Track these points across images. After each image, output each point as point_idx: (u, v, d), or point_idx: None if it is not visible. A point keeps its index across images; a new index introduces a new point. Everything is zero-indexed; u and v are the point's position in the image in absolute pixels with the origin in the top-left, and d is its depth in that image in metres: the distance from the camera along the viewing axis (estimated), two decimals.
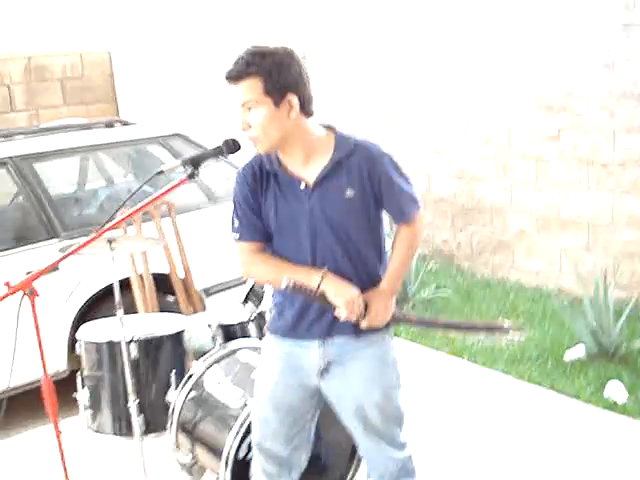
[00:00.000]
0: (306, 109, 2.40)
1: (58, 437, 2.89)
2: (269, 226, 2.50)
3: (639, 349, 4.73)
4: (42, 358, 2.80)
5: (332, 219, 2.43)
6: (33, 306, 2.73)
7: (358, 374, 2.53)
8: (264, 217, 2.50)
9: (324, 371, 2.53)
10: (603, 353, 4.67)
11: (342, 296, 2.39)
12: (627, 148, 5.34)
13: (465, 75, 6.42)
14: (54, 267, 2.79)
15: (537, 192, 6.01)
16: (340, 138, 2.46)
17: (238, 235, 2.54)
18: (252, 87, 2.32)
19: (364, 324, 2.47)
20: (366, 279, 2.50)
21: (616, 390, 4.30)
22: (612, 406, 4.20)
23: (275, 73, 2.31)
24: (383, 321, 2.52)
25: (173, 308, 4.45)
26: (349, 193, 2.43)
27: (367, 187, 2.44)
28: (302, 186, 2.44)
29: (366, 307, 2.45)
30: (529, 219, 6.13)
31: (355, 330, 2.49)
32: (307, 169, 2.44)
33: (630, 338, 4.81)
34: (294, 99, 2.35)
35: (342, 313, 2.40)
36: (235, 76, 2.34)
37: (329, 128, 2.50)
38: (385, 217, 2.58)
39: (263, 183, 2.48)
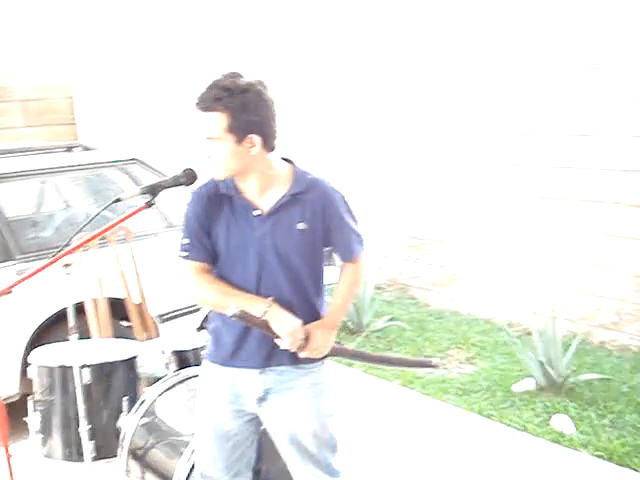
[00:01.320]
0: (268, 146, 2.47)
1: (8, 460, 2.88)
2: (218, 248, 2.54)
3: (586, 382, 4.83)
4: None
5: (281, 248, 2.50)
6: None
7: (294, 402, 2.58)
8: (214, 239, 2.54)
9: (262, 399, 2.59)
10: (551, 385, 4.77)
11: (286, 327, 2.45)
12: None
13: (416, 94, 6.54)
14: (8, 291, 2.80)
15: (491, 226, 6.13)
16: (298, 173, 2.54)
17: (186, 254, 2.57)
18: (216, 122, 2.38)
19: (303, 354, 2.52)
20: (307, 310, 2.57)
21: (562, 423, 4.39)
22: (559, 438, 4.28)
23: (241, 113, 2.37)
24: (322, 353, 2.58)
25: (127, 334, 4.45)
26: (301, 226, 2.50)
27: (318, 223, 2.52)
28: (256, 212, 2.50)
29: (307, 338, 2.51)
30: (482, 252, 6.24)
31: (294, 360, 2.55)
32: (262, 199, 2.51)
33: (577, 371, 4.92)
34: (256, 138, 2.41)
35: (284, 343, 2.46)
36: (203, 107, 2.40)
37: (288, 162, 2.57)
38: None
39: (217, 205, 2.53)
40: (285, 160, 2.58)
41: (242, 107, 2.37)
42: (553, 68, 5.54)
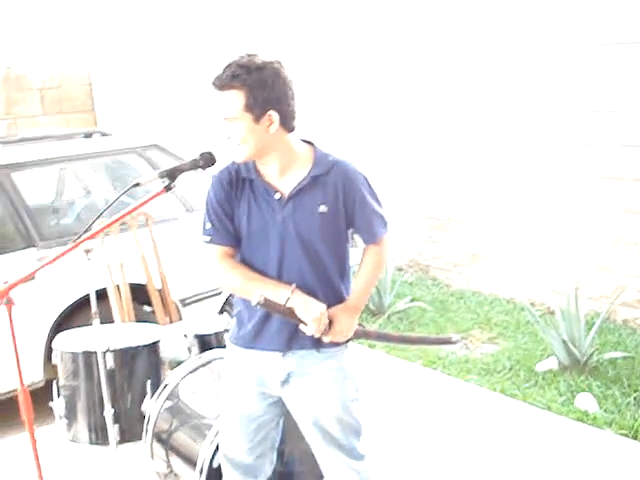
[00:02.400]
0: (287, 125, 2.45)
1: (34, 445, 2.91)
2: (240, 232, 2.53)
3: (610, 360, 4.81)
4: (19, 369, 2.82)
5: (302, 231, 2.48)
6: (10, 315, 2.75)
7: (317, 386, 2.57)
8: (236, 223, 2.53)
9: (284, 382, 2.58)
10: (574, 364, 4.74)
11: (311, 313, 2.43)
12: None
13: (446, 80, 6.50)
14: (31, 277, 2.82)
15: (512, 205, 6.09)
16: (319, 155, 2.52)
17: (209, 238, 2.56)
18: (234, 99, 2.37)
19: (327, 339, 2.51)
20: (330, 294, 2.55)
21: (586, 402, 4.37)
22: (583, 417, 4.26)
23: (258, 89, 2.36)
24: (346, 337, 2.56)
25: (149, 318, 4.47)
26: (322, 208, 2.48)
27: (340, 205, 2.49)
28: (277, 196, 2.48)
29: (330, 322, 2.49)
30: (503, 231, 6.20)
31: (316, 343, 2.53)
32: (283, 181, 2.49)
33: (601, 350, 4.89)
34: (275, 115, 2.40)
35: (309, 329, 2.45)
36: (219, 85, 2.40)
37: (309, 144, 2.56)
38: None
39: (238, 189, 2.52)
40: (306, 142, 2.56)
41: (259, 83, 2.36)
42: (572, 43, 5.47)
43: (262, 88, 2.36)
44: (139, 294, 4.52)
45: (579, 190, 5.60)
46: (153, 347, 3.50)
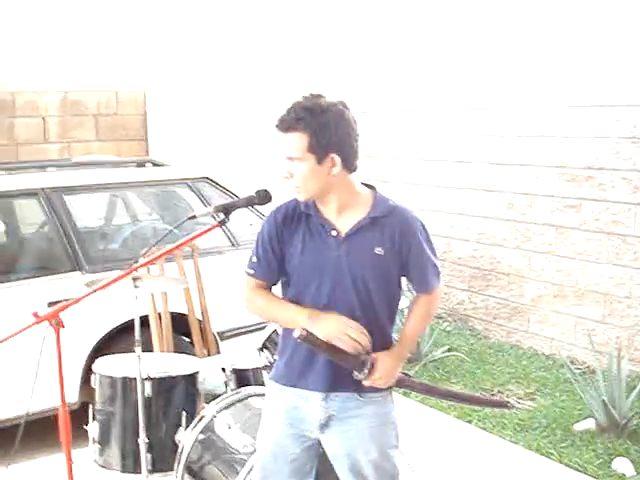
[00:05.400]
0: (349, 166, 2.47)
1: (70, 467, 2.92)
2: (290, 267, 2.54)
3: None
4: (62, 389, 2.85)
5: (356, 271, 2.48)
6: (58, 337, 2.79)
7: (358, 431, 2.55)
8: (287, 258, 2.54)
9: (324, 425, 2.56)
10: (613, 426, 4.65)
11: (329, 327, 2.41)
12: None
13: (489, 142, 6.50)
14: (80, 300, 2.85)
15: (555, 260, 6.04)
16: (379, 198, 2.54)
17: (253, 272, 2.60)
18: (297, 142, 2.40)
19: (367, 382, 2.49)
20: (378, 337, 2.53)
21: (624, 465, 4.28)
22: None
23: (321, 133, 2.38)
24: (387, 383, 2.55)
25: (187, 349, 4.49)
26: (378, 250, 2.48)
27: (396, 250, 2.50)
28: (334, 233, 2.49)
29: (372, 366, 2.48)
30: (546, 286, 6.15)
31: (358, 387, 2.52)
32: (341, 219, 2.51)
33: None
34: (337, 158, 2.42)
35: (348, 344, 2.42)
36: (284, 127, 2.42)
37: (370, 187, 2.58)
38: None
39: (294, 223, 2.53)
40: (367, 186, 2.58)
41: (323, 126, 2.38)
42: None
43: (326, 131, 2.39)
44: (179, 324, 4.54)
45: (628, 248, 5.53)
46: (191, 378, 3.51)
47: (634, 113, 5.43)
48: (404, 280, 2.62)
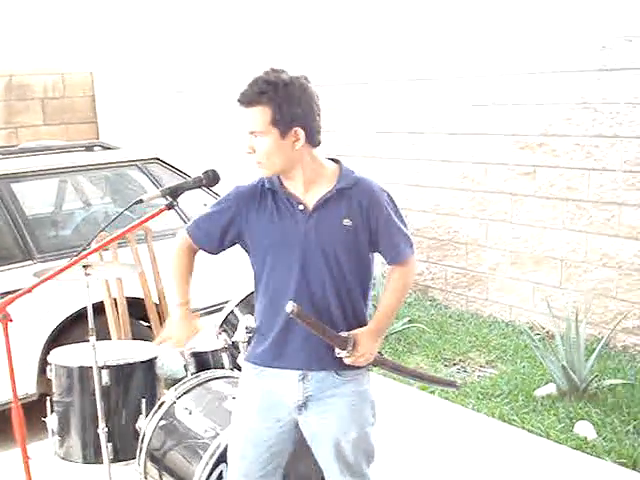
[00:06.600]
0: (313, 140, 2.44)
1: (26, 463, 2.86)
2: (256, 245, 2.51)
3: (609, 387, 4.77)
4: (13, 383, 2.78)
5: (325, 244, 2.44)
6: (6, 331, 2.71)
7: (336, 411, 2.52)
8: (253, 235, 2.50)
9: (302, 406, 2.53)
10: (573, 390, 4.70)
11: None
12: (601, 186, 5.42)
13: (442, 113, 6.49)
14: (28, 292, 2.78)
15: (511, 228, 6.07)
16: (345, 170, 2.51)
17: (189, 232, 2.62)
18: (260, 116, 2.36)
19: (348, 361, 2.47)
20: (350, 312, 2.51)
21: (585, 429, 4.33)
22: (581, 445, 4.22)
23: (285, 106, 2.35)
24: (367, 361, 2.52)
25: (146, 334, 4.43)
26: (346, 222, 2.45)
27: (364, 221, 2.46)
28: (300, 207, 2.46)
29: (353, 345, 2.45)
30: (503, 254, 6.18)
31: (336, 365, 2.49)
32: (307, 194, 2.47)
33: (600, 376, 4.85)
34: (301, 131, 2.39)
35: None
36: (246, 101, 2.38)
37: (334, 161, 2.55)
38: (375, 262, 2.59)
39: (260, 200, 2.50)
40: (332, 160, 2.56)
41: (286, 100, 2.34)
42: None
43: (289, 104, 2.35)
44: (136, 309, 4.48)
45: (581, 212, 5.58)
46: (150, 364, 3.45)
47: (585, 78, 5.45)
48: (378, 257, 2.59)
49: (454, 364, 5.50)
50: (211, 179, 2.58)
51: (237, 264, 3.63)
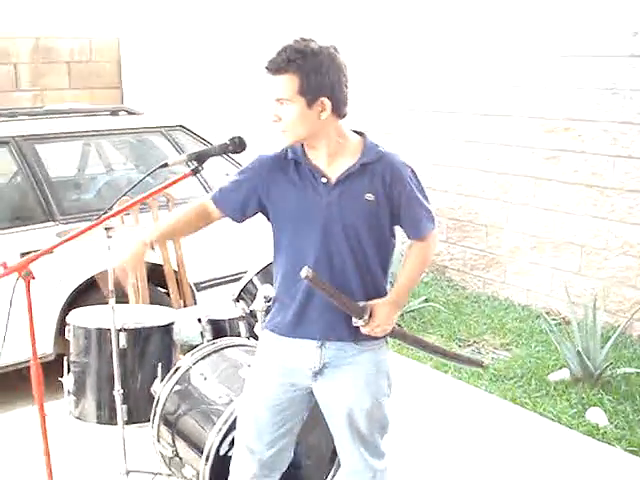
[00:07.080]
0: (339, 111, 2.43)
1: (43, 420, 2.89)
2: (279, 215, 2.51)
3: (623, 375, 4.76)
4: (33, 342, 2.79)
5: (347, 217, 2.44)
6: (28, 289, 2.73)
7: (351, 379, 2.53)
8: (275, 205, 2.50)
9: (318, 373, 2.54)
10: (587, 377, 4.69)
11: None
12: (626, 173, 5.37)
13: (469, 93, 6.44)
14: (50, 251, 2.80)
15: (533, 212, 6.04)
16: (369, 144, 2.50)
17: (216, 198, 2.60)
18: (288, 84, 2.35)
19: (366, 330, 2.48)
20: (370, 285, 2.51)
21: (597, 416, 4.33)
22: (593, 431, 4.22)
23: (313, 75, 2.33)
24: (384, 332, 2.53)
25: (163, 300, 4.46)
26: (369, 196, 2.44)
27: (387, 196, 2.45)
28: (323, 180, 2.45)
29: (370, 314, 2.46)
30: (523, 238, 6.15)
31: (354, 335, 2.50)
32: (331, 167, 2.46)
33: (615, 364, 4.84)
34: (327, 102, 2.38)
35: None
36: (274, 69, 2.37)
37: (360, 134, 2.54)
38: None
39: (283, 170, 2.49)
40: (357, 133, 2.54)
41: (315, 69, 2.33)
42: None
43: (317, 74, 2.33)
44: (155, 275, 4.50)
45: (606, 200, 5.54)
46: (167, 329, 3.47)
47: (614, 64, 5.39)
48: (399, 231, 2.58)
49: (468, 345, 5.50)
50: (237, 145, 2.57)
51: (256, 234, 3.64)
